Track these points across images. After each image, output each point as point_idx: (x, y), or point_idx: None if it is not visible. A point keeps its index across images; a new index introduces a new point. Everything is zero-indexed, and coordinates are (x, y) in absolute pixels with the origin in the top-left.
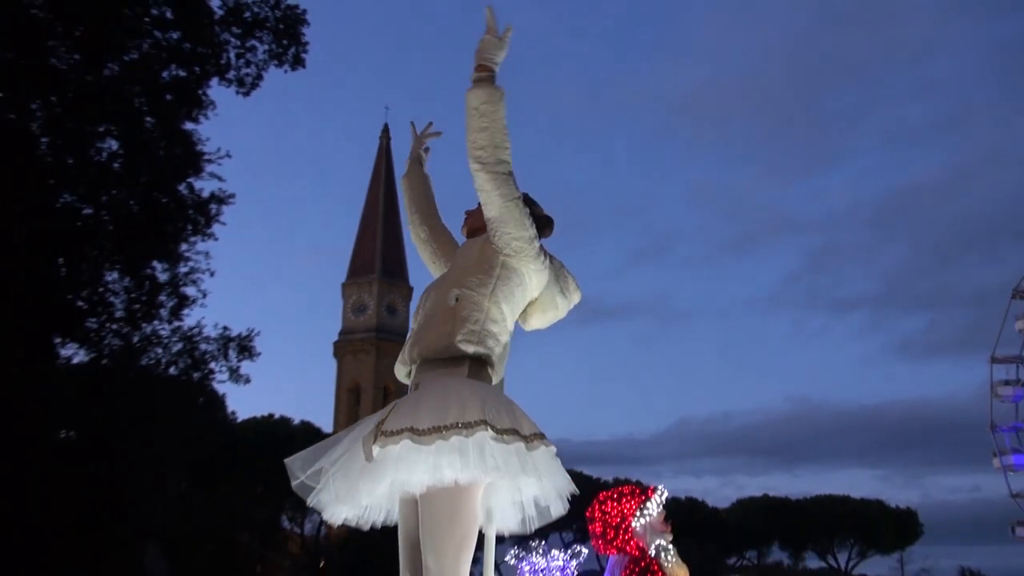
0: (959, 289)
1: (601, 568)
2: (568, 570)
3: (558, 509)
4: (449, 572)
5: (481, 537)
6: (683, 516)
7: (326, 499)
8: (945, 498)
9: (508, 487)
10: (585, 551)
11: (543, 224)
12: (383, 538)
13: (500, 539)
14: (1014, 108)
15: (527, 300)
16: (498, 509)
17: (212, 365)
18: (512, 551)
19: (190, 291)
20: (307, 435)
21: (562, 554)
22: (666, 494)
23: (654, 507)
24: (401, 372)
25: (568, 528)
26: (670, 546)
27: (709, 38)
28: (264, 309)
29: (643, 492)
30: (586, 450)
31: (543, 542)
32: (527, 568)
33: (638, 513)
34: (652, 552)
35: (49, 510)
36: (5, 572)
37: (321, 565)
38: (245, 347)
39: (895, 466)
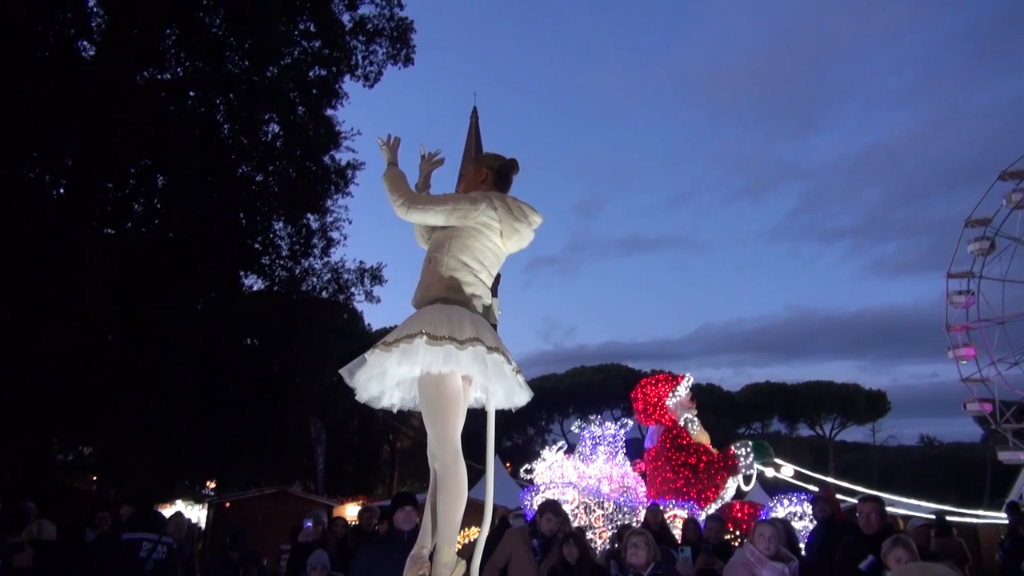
0: (923, 221)
1: (642, 435)
2: (617, 436)
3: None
4: (439, 437)
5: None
6: (704, 397)
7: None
8: (909, 382)
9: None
10: (630, 423)
11: (503, 171)
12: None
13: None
14: (972, 78)
15: (492, 239)
16: (491, 393)
17: (352, 290)
18: (576, 422)
19: (335, 235)
20: None
21: (613, 425)
22: (692, 380)
23: (683, 390)
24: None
25: (617, 407)
26: (695, 418)
27: (727, 24)
28: (390, 247)
29: (674, 379)
30: (631, 349)
31: (599, 416)
32: (587, 435)
33: (671, 394)
34: (681, 423)
35: (244, 394)
36: (221, 438)
37: None
38: (376, 276)
39: (870, 358)
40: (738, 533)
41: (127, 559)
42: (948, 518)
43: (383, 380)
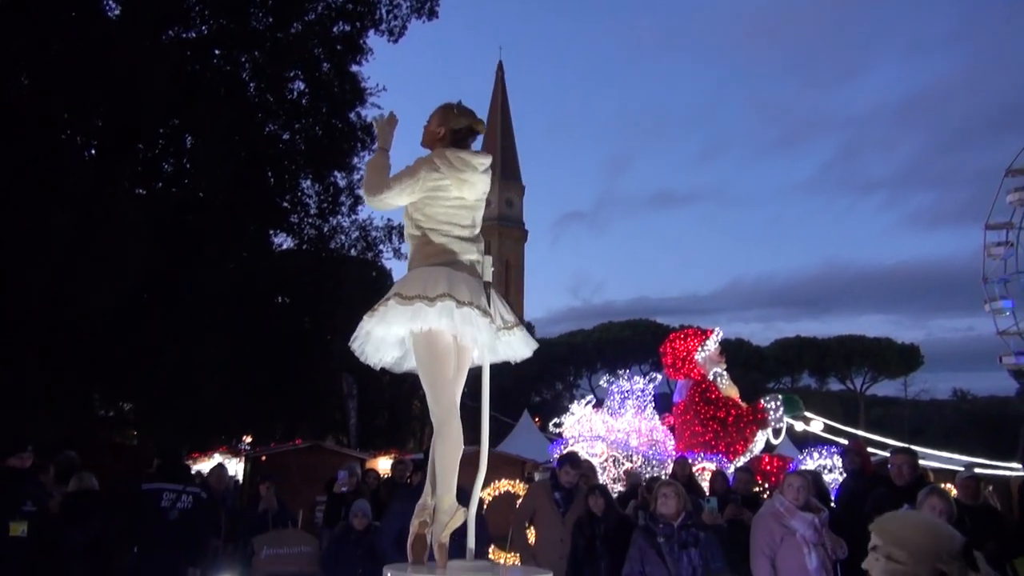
0: (963, 171)
1: (671, 390)
2: (646, 391)
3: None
4: (432, 393)
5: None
6: (732, 352)
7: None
8: (944, 336)
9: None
10: (659, 377)
11: (459, 136)
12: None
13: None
14: (1019, 20)
15: (450, 197)
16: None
17: (380, 247)
18: (604, 377)
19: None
20: None
21: (642, 379)
22: (721, 335)
23: (712, 344)
24: None
25: (646, 361)
26: (724, 373)
27: None
28: None
29: (703, 333)
30: (660, 305)
31: (627, 371)
32: (616, 390)
33: (700, 349)
34: (711, 377)
35: (275, 351)
36: (254, 394)
37: None
38: (403, 233)
39: (904, 312)
40: (767, 486)
41: (147, 509)
42: (982, 471)
43: (380, 344)
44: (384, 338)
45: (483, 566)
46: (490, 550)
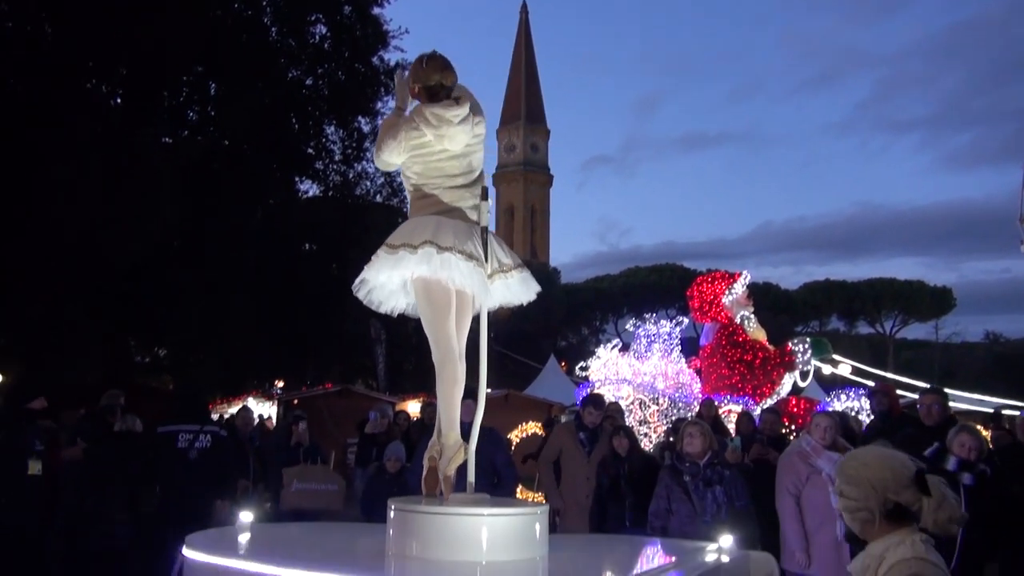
0: (1004, 108)
1: (697, 334)
2: (672, 334)
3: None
4: (431, 338)
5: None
6: (760, 295)
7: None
8: (978, 278)
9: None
10: (686, 321)
11: (433, 92)
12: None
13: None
14: None
15: (434, 151)
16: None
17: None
18: (631, 321)
19: None
20: None
21: (668, 323)
22: (748, 278)
23: (739, 287)
24: None
25: (672, 306)
26: (751, 316)
27: None
28: None
29: (731, 277)
30: (687, 249)
31: (654, 314)
32: (642, 333)
33: (727, 292)
34: (738, 320)
35: (303, 297)
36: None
37: None
38: None
39: (937, 254)
40: (793, 427)
41: (165, 450)
42: (1012, 412)
43: (387, 293)
44: (385, 286)
45: (480, 498)
46: (518, 490)
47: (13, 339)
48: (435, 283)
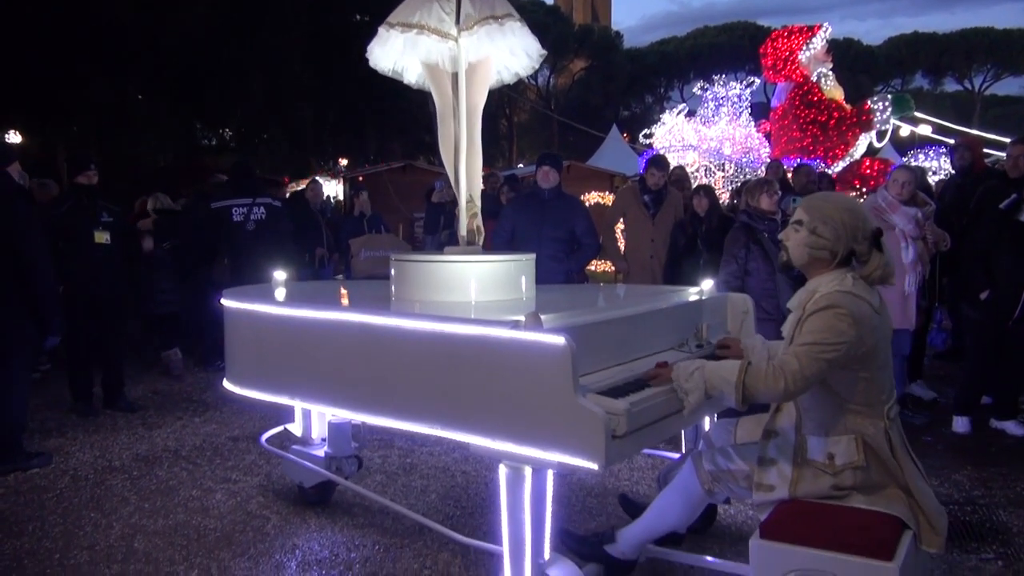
0: None
1: (767, 97)
2: (742, 96)
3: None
4: (439, 113)
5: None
6: (840, 52)
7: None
8: None
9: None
10: (757, 82)
11: None
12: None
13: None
14: None
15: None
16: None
17: None
18: (698, 85)
19: None
20: None
21: (738, 85)
22: (829, 31)
23: (818, 41)
24: None
25: (742, 68)
26: (829, 73)
27: None
28: None
29: (809, 30)
30: (765, 4)
31: (722, 76)
32: (709, 97)
33: (804, 47)
34: (814, 78)
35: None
36: (344, 115)
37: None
38: None
39: None
40: (864, 190)
41: (220, 225)
42: None
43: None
44: (401, 63)
45: (473, 249)
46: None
47: (87, 124)
48: (428, 65)
